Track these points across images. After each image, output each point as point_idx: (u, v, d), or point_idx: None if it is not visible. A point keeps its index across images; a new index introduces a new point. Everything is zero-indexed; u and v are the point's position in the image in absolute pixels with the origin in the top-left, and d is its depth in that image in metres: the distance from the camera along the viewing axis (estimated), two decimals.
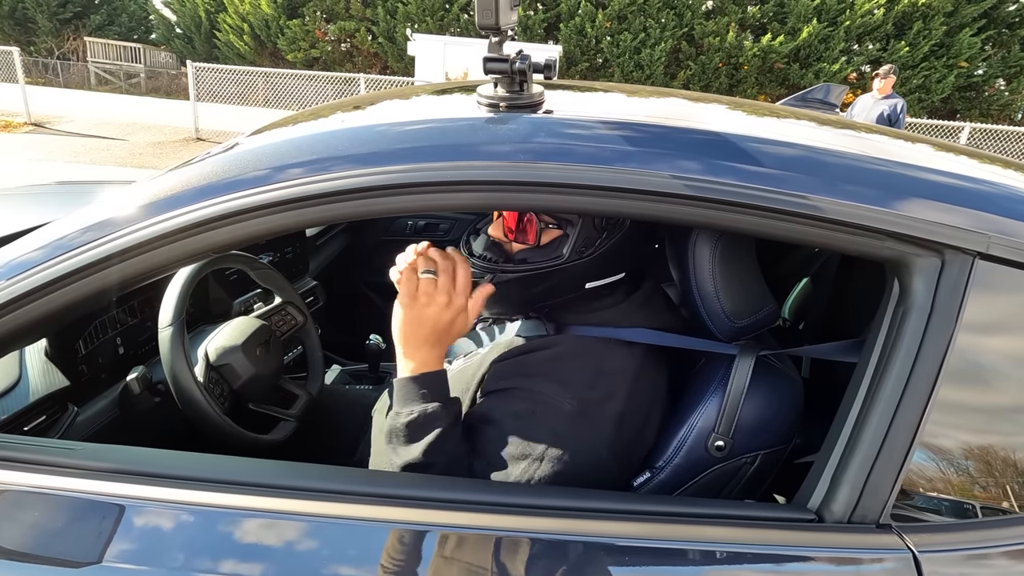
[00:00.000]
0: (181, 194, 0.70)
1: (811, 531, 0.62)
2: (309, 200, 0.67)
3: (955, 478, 0.64)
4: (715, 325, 0.85)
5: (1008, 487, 0.64)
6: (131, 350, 1.15)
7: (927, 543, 0.60)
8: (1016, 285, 0.63)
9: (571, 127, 0.70)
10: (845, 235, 0.65)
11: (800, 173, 0.65)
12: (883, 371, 0.64)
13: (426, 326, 0.78)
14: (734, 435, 0.79)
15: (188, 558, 0.62)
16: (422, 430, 0.77)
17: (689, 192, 0.64)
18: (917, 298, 0.63)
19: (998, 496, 0.64)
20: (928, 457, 0.63)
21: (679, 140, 0.68)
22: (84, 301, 0.71)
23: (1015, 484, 0.64)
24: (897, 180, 0.66)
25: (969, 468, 0.64)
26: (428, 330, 0.78)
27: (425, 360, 0.80)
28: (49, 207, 1.71)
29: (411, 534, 0.64)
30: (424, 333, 0.79)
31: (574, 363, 0.83)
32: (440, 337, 0.79)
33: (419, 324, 0.78)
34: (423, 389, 0.79)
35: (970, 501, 0.64)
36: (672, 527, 0.64)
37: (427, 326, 0.78)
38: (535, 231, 0.88)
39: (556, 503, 0.67)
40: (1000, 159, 0.85)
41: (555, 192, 0.67)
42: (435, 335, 0.79)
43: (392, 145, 0.69)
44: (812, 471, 0.68)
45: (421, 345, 0.79)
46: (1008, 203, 0.66)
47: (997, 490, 0.64)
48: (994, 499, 0.64)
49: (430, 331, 0.79)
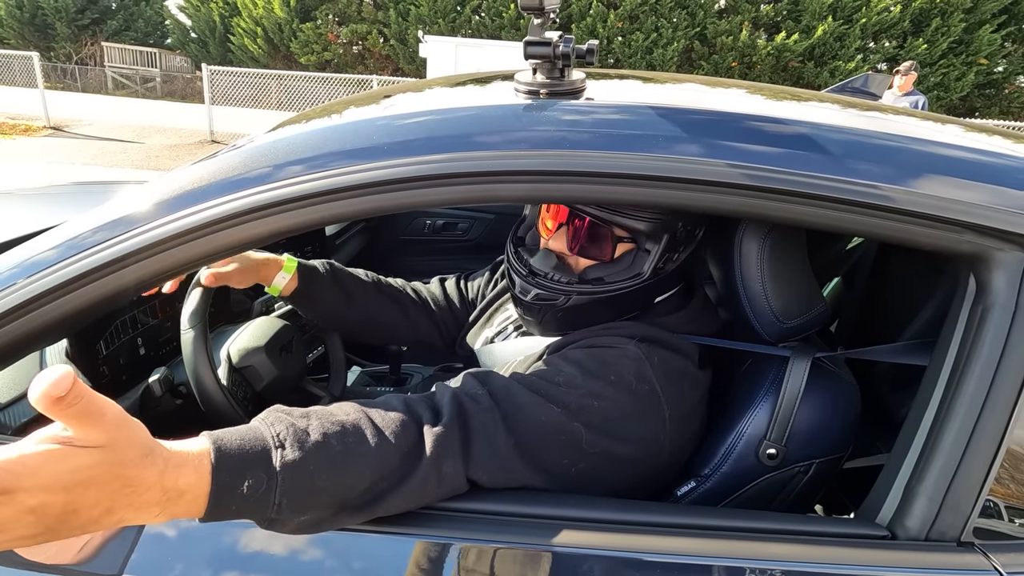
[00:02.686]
0: (204, 188, 0.66)
1: (884, 549, 0.57)
2: (343, 192, 0.63)
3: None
4: (762, 325, 0.80)
5: None
6: (152, 351, 1.12)
7: (1016, 563, 0.55)
8: None
9: (616, 114, 0.66)
10: (919, 227, 0.60)
11: (868, 162, 0.61)
12: (962, 374, 0.59)
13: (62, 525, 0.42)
14: (787, 443, 0.75)
15: (207, 571, 0.59)
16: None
17: (749, 182, 0.59)
18: (999, 296, 0.58)
19: None
20: (1015, 468, 0.58)
21: (734, 127, 0.64)
22: (104, 300, 0.68)
23: None
24: (977, 168, 0.61)
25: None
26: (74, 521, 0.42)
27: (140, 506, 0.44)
28: (67, 207, 1.71)
29: (433, 547, 0.60)
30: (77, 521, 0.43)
31: (645, 361, 0.75)
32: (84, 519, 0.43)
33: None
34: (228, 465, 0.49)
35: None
36: (726, 543, 0.60)
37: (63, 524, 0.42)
38: (611, 245, 0.80)
39: (602, 515, 0.63)
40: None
41: (601, 182, 0.63)
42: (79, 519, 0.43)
43: (429, 134, 0.65)
44: (880, 482, 0.63)
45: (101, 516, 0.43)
46: None
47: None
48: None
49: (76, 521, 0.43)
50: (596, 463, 0.69)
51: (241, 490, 0.49)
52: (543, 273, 0.82)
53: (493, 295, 1.10)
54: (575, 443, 0.67)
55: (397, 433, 0.58)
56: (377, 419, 0.59)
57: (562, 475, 0.67)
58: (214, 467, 0.48)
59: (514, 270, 0.86)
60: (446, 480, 0.60)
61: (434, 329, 1.15)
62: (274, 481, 0.50)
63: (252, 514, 0.51)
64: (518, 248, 0.88)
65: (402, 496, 0.58)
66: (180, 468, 0.46)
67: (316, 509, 0.54)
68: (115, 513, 0.43)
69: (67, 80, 15.59)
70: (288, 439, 0.53)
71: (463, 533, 0.60)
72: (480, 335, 1.05)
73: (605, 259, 0.81)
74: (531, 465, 0.65)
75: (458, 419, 0.63)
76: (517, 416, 0.66)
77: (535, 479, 0.66)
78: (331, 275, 1.07)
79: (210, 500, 0.47)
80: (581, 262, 0.82)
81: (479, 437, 0.63)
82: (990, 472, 0.56)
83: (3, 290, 0.65)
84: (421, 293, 1.18)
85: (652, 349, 0.76)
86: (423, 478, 0.58)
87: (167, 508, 0.45)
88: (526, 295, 0.83)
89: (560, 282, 0.81)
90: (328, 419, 0.57)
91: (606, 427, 0.69)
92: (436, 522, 0.61)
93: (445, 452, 0.60)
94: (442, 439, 0.60)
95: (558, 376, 0.72)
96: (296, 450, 0.52)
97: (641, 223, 0.78)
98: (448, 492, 0.62)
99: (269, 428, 0.54)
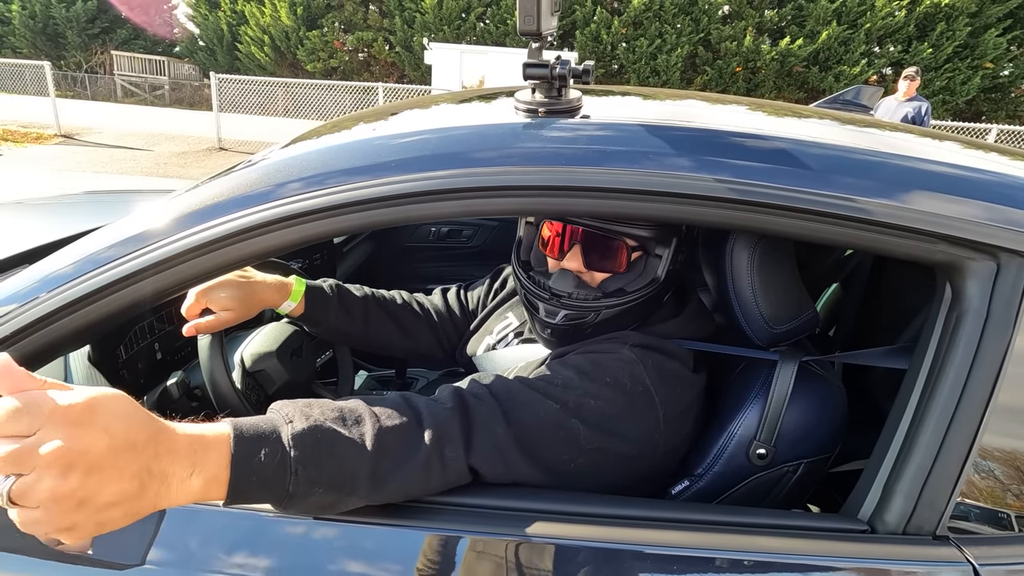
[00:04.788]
0: (221, 203, 0.70)
1: (864, 542, 0.61)
2: (349, 207, 0.67)
3: (1017, 488, 0.62)
4: (753, 331, 0.83)
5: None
6: (168, 356, 1.16)
7: (987, 556, 0.58)
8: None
9: (609, 131, 0.70)
10: (895, 238, 0.63)
11: (847, 175, 0.64)
12: (937, 378, 0.62)
13: (101, 511, 0.46)
14: (776, 443, 0.78)
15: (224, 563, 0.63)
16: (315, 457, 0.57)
17: (734, 196, 0.63)
18: (972, 303, 0.62)
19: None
20: (987, 466, 0.61)
21: (721, 143, 0.67)
22: (122, 311, 0.72)
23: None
24: (949, 181, 0.65)
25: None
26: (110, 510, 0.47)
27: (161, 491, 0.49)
28: (79, 217, 1.74)
29: (443, 539, 0.64)
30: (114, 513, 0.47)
31: (639, 364, 0.79)
32: (125, 504, 0.47)
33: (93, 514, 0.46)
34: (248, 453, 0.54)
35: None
36: (717, 536, 0.63)
37: (102, 511, 0.46)
38: (624, 256, 0.83)
39: (597, 510, 0.66)
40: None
41: (595, 196, 0.66)
42: (119, 503, 0.47)
43: (432, 151, 0.69)
44: (862, 480, 0.66)
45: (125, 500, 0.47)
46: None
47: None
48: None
49: (112, 509, 0.47)
50: (594, 460, 0.72)
51: (259, 458, 0.54)
52: (566, 293, 0.83)
53: (494, 304, 1.14)
54: (573, 439, 0.71)
55: (395, 419, 0.63)
56: (375, 407, 0.64)
57: (562, 472, 0.71)
58: (234, 438, 0.53)
59: (535, 296, 0.86)
60: (449, 466, 0.64)
61: (434, 341, 1.19)
62: (288, 450, 0.56)
63: (272, 485, 0.55)
64: (529, 273, 0.89)
65: (407, 478, 0.62)
66: (207, 447, 0.52)
67: (328, 485, 0.58)
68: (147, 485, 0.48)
69: (77, 88, 15.79)
70: (296, 417, 0.59)
71: (472, 527, 0.64)
72: (481, 343, 1.09)
73: (620, 270, 0.84)
74: (530, 459, 0.69)
75: (459, 410, 0.67)
76: (517, 411, 0.69)
77: (534, 474, 0.69)
78: (336, 298, 1.10)
79: (232, 471, 0.52)
80: (597, 276, 0.85)
81: (479, 428, 0.67)
82: (963, 470, 0.60)
83: (25, 304, 0.70)
84: (424, 305, 1.21)
85: (646, 353, 0.80)
86: (425, 461, 0.62)
87: (193, 478, 0.50)
88: (554, 317, 0.84)
89: (587, 299, 0.83)
90: (328, 406, 0.62)
91: (603, 424, 0.72)
92: (443, 516, 0.65)
93: (446, 438, 0.64)
94: (443, 426, 0.65)
95: (557, 378, 0.75)
96: (303, 422, 0.58)
97: (646, 231, 0.82)
98: (453, 480, 0.65)
99: (278, 412, 0.60)
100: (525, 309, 0.90)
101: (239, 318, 0.98)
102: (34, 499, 0.44)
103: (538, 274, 0.89)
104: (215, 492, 0.52)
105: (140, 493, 0.48)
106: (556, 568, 0.61)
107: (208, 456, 0.52)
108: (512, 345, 1.02)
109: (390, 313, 1.16)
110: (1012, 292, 0.61)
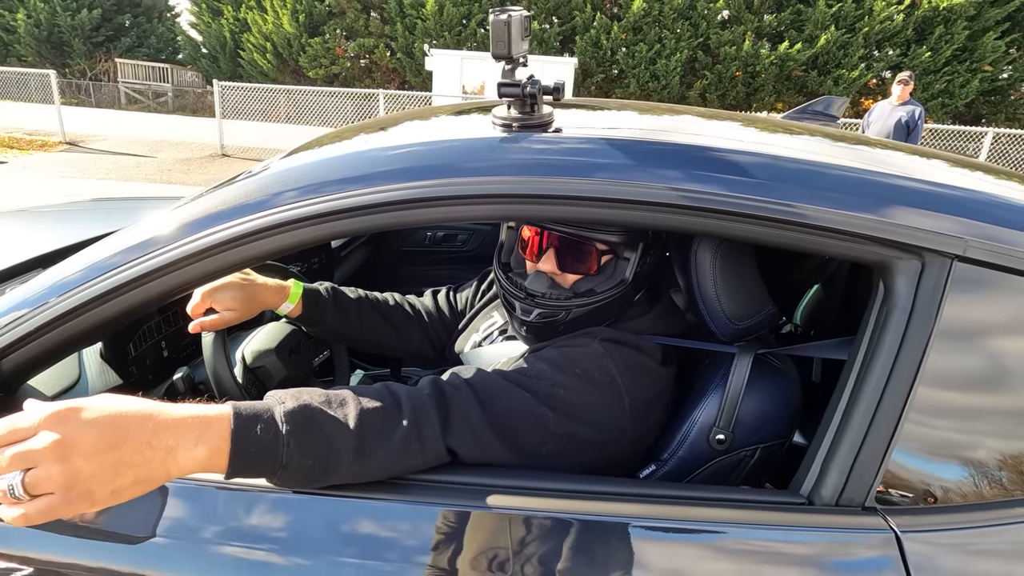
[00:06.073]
0: (219, 212, 0.77)
1: (800, 513, 0.67)
2: (341, 214, 0.74)
3: (935, 465, 0.69)
4: (717, 327, 0.90)
5: (983, 474, 0.69)
6: (174, 353, 1.24)
7: (908, 524, 0.65)
8: (992, 285, 0.68)
9: (577, 144, 0.77)
10: (833, 240, 0.70)
11: (788, 183, 0.71)
12: (868, 365, 0.69)
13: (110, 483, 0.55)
14: (734, 429, 0.84)
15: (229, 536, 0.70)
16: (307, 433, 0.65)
17: (684, 202, 0.70)
18: (899, 298, 0.69)
19: (974, 482, 0.69)
20: (910, 446, 0.67)
21: (675, 154, 0.74)
22: (131, 311, 0.79)
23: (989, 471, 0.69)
24: (880, 188, 0.71)
25: (948, 456, 0.69)
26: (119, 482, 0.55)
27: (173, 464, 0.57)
28: (85, 223, 1.81)
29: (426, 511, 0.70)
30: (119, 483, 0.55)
31: (607, 356, 0.85)
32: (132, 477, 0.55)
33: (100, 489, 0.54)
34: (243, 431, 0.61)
35: (949, 486, 0.68)
36: (676, 508, 0.70)
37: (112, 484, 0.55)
38: (594, 259, 0.90)
39: (587, 488, 0.73)
40: (986, 166, 0.90)
41: (562, 204, 0.74)
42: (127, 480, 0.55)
43: (417, 162, 0.76)
44: (805, 460, 0.73)
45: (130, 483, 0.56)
46: (985, 208, 0.71)
47: (973, 476, 0.69)
48: (970, 484, 0.69)
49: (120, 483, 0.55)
50: (563, 445, 0.79)
51: (256, 432, 0.61)
52: (540, 293, 0.91)
53: (481, 304, 1.21)
54: (543, 425, 0.77)
55: (376, 402, 0.71)
56: (359, 394, 0.71)
57: (533, 454, 0.78)
58: (234, 415, 0.61)
59: (511, 295, 0.93)
60: (427, 446, 0.71)
61: (425, 340, 1.26)
62: (281, 426, 0.63)
63: (267, 457, 0.62)
64: (508, 274, 0.97)
65: (388, 454, 0.69)
66: (209, 423, 0.60)
67: (317, 458, 0.65)
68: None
69: (81, 96, 15.96)
70: (288, 399, 0.67)
71: (452, 500, 0.70)
72: (468, 340, 1.16)
73: (591, 272, 0.91)
74: (503, 441, 0.75)
75: (436, 396, 0.75)
76: (491, 399, 0.77)
77: (508, 455, 0.76)
78: (332, 300, 1.18)
79: (232, 443, 0.60)
80: (569, 278, 0.92)
81: (455, 412, 0.74)
82: (889, 448, 0.66)
83: (36, 308, 0.77)
84: (415, 306, 1.29)
85: (615, 347, 0.86)
86: (404, 440, 0.69)
87: (198, 448, 0.58)
88: (528, 315, 0.91)
89: (559, 299, 0.90)
90: (317, 391, 0.70)
91: (571, 412, 0.79)
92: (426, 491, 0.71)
93: (424, 420, 0.71)
94: (421, 409, 0.72)
95: (531, 370, 0.82)
96: (295, 403, 0.66)
97: (615, 235, 0.89)
98: (431, 459, 0.72)
99: (272, 396, 0.68)
100: (504, 308, 0.97)
101: (241, 318, 1.05)
102: (46, 486, 0.52)
103: (516, 275, 0.96)
104: (218, 463, 0.60)
105: (145, 464, 0.56)
106: (525, 535, 0.68)
107: (210, 430, 0.59)
108: (497, 342, 1.09)
109: (383, 314, 1.23)
110: (935, 288, 0.67)
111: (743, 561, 0.65)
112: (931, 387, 0.67)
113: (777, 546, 0.66)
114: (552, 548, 0.67)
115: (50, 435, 0.53)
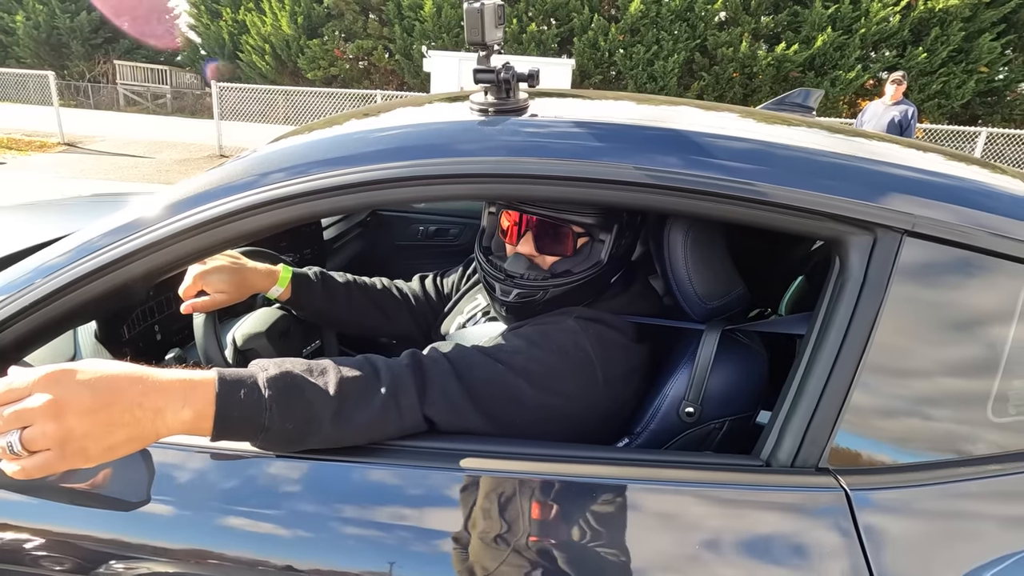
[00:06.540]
0: (210, 191, 0.81)
1: (758, 473, 0.71)
2: (323, 193, 0.78)
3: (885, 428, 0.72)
4: (689, 307, 0.94)
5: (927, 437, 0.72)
6: (166, 336, 1.27)
7: (858, 483, 0.68)
8: (938, 258, 0.71)
9: (548, 127, 0.80)
10: (791, 217, 0.74)
11: (751, 163, 0.75)
12: (822, 337, 0.72)
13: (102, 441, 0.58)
14: (703, 402, 0.88)
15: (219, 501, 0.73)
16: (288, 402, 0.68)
17: (649, 180, 0.74)
18: (852, 272, 0.72)
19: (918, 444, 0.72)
20: (861, 410, 0.71)
21: (641, 136, 0.78)
22: (116, 291, 0.81)
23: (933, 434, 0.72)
24: (835, 168, 0.75)
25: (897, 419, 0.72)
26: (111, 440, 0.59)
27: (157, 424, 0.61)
28: (88, 216, 1.85)
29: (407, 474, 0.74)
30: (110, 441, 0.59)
31: (582, 333, 0.89)
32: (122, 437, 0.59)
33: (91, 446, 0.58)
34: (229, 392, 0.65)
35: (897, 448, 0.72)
36: (647, 469, 0.73)
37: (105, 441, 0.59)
38: (571, 241, 0.93)
39: (561, 453, 0.76)
40: (938, 149, 0.94)
41: (534, 183, 0.77)
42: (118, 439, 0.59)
43: (397, 144, 0.80)
44: (766, 428, 0.76)
45: (120, 443, 0.60)
46: (933, 186, 0.74)
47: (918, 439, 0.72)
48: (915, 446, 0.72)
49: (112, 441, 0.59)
50: (538, 416, 0.83)
51: (239, 396, 0.65)
52: (519, 275, 0.94)
53: (466, 288, 1.25)
54: (518, 396, 0.81)
55: (355, 371, 0.74)
56: (339, 362, 0.75)
57: (508, 424, 0.81)
58: (219, 380, 0.65)
59: (491, 276, 0.97)
60: (404, 413, 0.74)
61: (412, 323, 1.30)
62: (263, 391, 0.67)
63: (250, 420, 0.66)
64: (488, 256, 1.01)
65: (367, 420, 0.72)
66: (195, 386, 0.63)
67: (298, 421, 0.68)
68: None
69: (80, 97, 16.00)
70: (270, 367, 0.70)
71: (435, 463, 0.73)
72: (453, 321, 1.19)
73: (568, 253, 0.95)
74: (480, 411, 0.79)
75: (414, 367, 0.78)
76: (468, 370, 0.80)
77: (484, 425, 0.79)
78: (321, 283, 1.21)
79: (217, 406, 0.63)
80: (548, 260, 0.96)
81: (432, 382, 0.77)
82: (840, 413, 0.70)
83: (22, 289, 0.80)
84: (403, 290, 1.32)
85: (589, 324, 0.90)
86: (382, 407, 0.73)
87: (184, 410, 0.62)
88: (508, 296, 0.94)
89: (536, 280, 0.93)
90: (299, 361, 0.73)
91: (545, 384, 0.83)
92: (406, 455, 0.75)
93: (402, 389, 0.75)
94: (399, 379, 0.75)
95: (508, 346, 0.86)
96: (277, 370, 0.69)
97: (590, 218, 0.93)
98: (409, 427, 0.76)
99: (255, 364, 0.71)
100: (485, 289, 1.01)
101: (231, 300, 1.09)
102: (42, 443, 0.56)
103: (496, 258, 1.00)
104: (204, 425, 0.63)
105: (135, 423, 0.59)
106: (506, 494, 0.71)
107: (196, 393, 0.63)
108: (480, 323, 1.12)
109: (371, 297, 1.27)
110: (885, 261, 0.71)
111: (705, 516, 0.69)
112: (882, 354, 0.70)
113: (735, 502, 0.69)
114: (525, 506, 0.70)
115: (44, 395, 0.56)
